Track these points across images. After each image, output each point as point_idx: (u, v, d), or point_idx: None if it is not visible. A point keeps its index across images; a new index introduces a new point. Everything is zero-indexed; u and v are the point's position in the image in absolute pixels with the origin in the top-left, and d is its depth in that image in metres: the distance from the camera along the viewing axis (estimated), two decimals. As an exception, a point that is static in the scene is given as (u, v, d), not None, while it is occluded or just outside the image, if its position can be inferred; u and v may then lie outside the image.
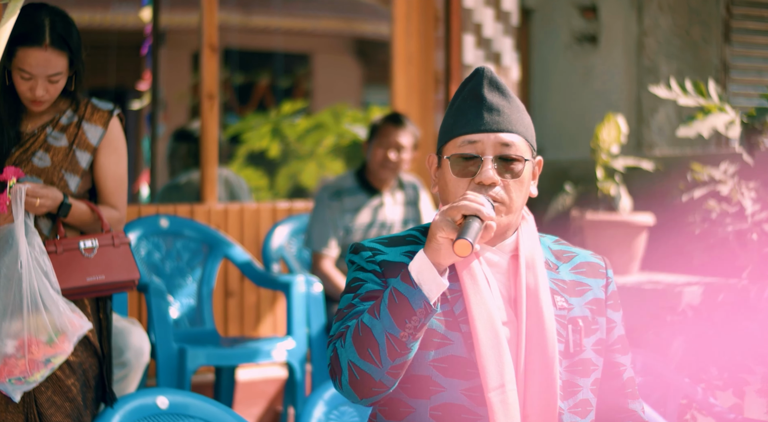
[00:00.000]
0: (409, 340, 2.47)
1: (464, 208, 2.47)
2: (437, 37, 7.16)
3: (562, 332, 2.67)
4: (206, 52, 6.43)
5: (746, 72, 8.17)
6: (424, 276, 2.46)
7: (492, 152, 2.63)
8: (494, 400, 2.55)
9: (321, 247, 5.69)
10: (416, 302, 2.45)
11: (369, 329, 2.48)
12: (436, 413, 2.58)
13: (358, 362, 2.49)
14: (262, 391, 6.15)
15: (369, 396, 2.54)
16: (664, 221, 6.80)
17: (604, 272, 2.82)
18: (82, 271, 3.89)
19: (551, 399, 2.61)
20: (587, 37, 7.90)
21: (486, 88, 2.67)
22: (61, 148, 3.94)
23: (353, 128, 10.93)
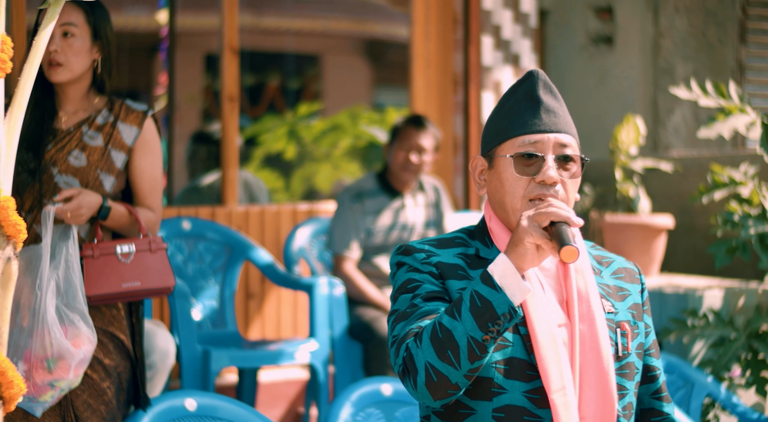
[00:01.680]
0: (490, 343, 2.48)
1: (554, 214, 2.49)
2: (456, 39, 7.17)
3: (612, 335, 2.70)
4: (227, 55, 6.44)
5: (762, 73, 8.18)
6: (508, 280, 2.48)
7: (551, 151, 2.66)
8: (557, 402, 2.57)
9: (343, 249, 5.70)
10: (500, 306, 2.46)
11: (449, 331, 2.48)
12: (498, 415, 2.59)
13: (436, 363, 2.49)
14: (283, 393, 6.16)
15: (444, 397, 2.54)
16: (683, 223, 6.80)
17: (638, 278, 2.86)
18: (118, 277, 3.87)
19: (608, 401, 2.64)
20: (603, 39, 7.90)
21: (541, 91, 2.70)
22: (97, 147, 3.92)
23: (370, 129, 10.93)
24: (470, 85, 7.09)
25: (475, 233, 2.77)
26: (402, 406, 3.86)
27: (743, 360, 5.19)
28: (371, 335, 5.43)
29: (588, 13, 7.94)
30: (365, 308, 5.61)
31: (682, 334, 5.26)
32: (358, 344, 5.53)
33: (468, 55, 7.11)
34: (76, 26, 3.87)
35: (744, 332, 5.22)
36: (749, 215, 5.40)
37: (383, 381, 3.86)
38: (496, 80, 7.18)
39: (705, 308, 5.53)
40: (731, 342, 5.19)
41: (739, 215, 5.42)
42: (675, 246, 6.83)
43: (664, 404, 2.84)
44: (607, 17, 7.88)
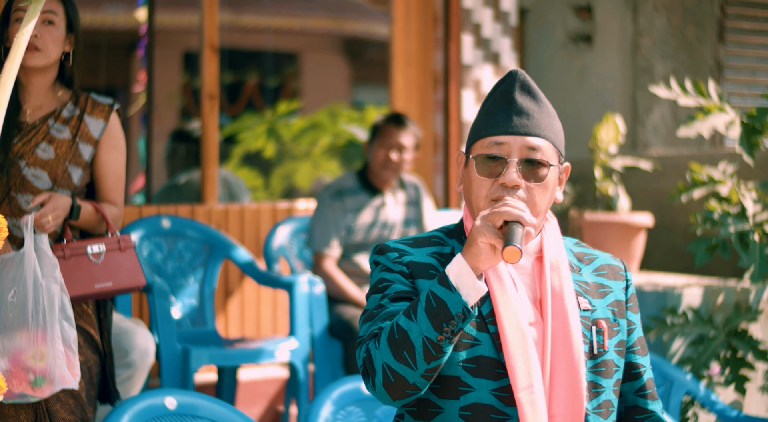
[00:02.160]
0: (445, 344, 2.47)
1: (506, 214, 2.47)
2: (436, 37, 7.16)
3: (586, 333, 2.69)
4: (207, 53, 6.42)
5: (740, 72, 8.21)
6: (463, 280, 2.47)
7: (518, 154, 2.63)
8: (523, 400, 2.56)
9: (323, 247, 5.69)
10: (454, 306, 2.46)
11: (405, 331, 2.48)
12: (465, 413, 2.60)
13: (393, 364, 2.50)
14: (263, 391, 6.15)
15: (402, 397, 2.55)
16: (662, 221, 6.82)
17: (623, 275, 2.84)
18: (89, 277, 3.85)
19: (577, 399, 2.63)
20: (582, 37, 7.92)
21: (517, 92, 2.68)
22: (64, 140, 3.89)
23: (350, 127, 10.93)
24: (450, 83, 7.09)
25: (454, 232, 2.77)
26: (382, 404, 3.86)
27: (722, 358, 5.20)
28: (351, 333, 5.42)
29: (567, 12, 7.96)
30: (345, 306, 5.60)
31: (662, 332, 5.27)
32: (338, 342, 5.53)
33: (448, 53, 7.11)
34: (56, 15, 3.88)
35: (723, 330, 5.23)
36: (729, 213, 5.42)
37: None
38: (476, 79, 7.18)
39: (684, 306, 5.55)
40: (710, 339, 5.21)
41: (719, 213, 5.44)
42: (654, 244, 6.85)
43: (649, 401, 2.83)
44: (587, 16, 7.90)
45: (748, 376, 5.21)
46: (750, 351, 5.17)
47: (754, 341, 5.18)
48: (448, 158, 7.11)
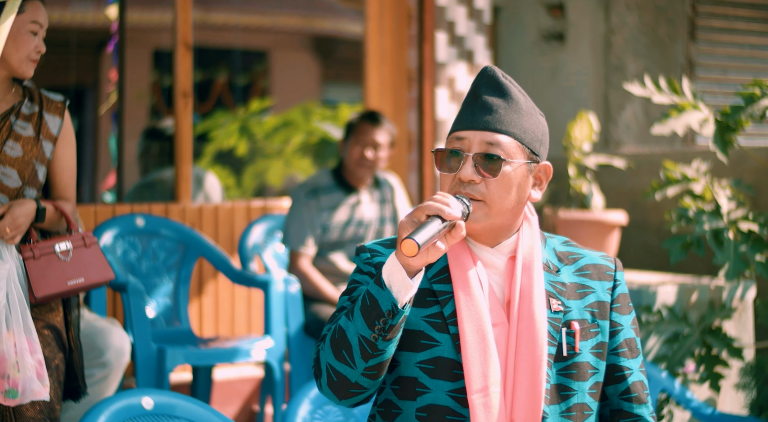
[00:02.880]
0: (379, 341, 2.47)
1: (427, 208, 2.47)
2: (410, 35, 7.16)
3: (555, 335, 2.65)
4: (180, 50, 6.40)
5: (711, 70, 8.24)
6: (394, 278, 2.46)
7: (476, 149, 2.62)
8: (476, 403, 2.55)
9: (298, 245, 5.67)
10: (384, 303, 2.45)
11: (344, 331, 2.51)
12: (421, 414, 2.59)
13: (334, 364, 2.52)
14: (237, 390, 6.13)
15: (347, 397, 2.56)
16: (635, 219, 6.84)
17: (611, 275, 2.79)
18: (61, 275, 3.84)
19: (535, 403, 2.60)
20: (554, 35, 7.93)
21: (484, 88, 2.67)
22: (29, 137, 3.86)
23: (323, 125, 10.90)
24: (424, 81, 7.09)
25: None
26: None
27: (697, 356, 5.22)
28: (327, 332, 5.41)
29: (539, 10, 7.97)
30: (321, 305, 5.58)
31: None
32: (314, 341, 5.51)
33: (422, 51, 7.10)
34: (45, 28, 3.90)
35: (697, 327, 5.25)
36: (703, 211, 5.44)
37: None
38: (450, 76, 7.18)
39: (659, 304, 5.56)
40: (685, 337, 5.22)
41: (694, 211, 5.45)
42: (627, 242, 6.87)
43: (635, 405, 2.76)
44: (559, 14, 7.91)
45: (723, 374, 5.23)
46: (724, 349, 5.18)
47: (728, 338, 5.20)
48: (423, 156, 7.10)
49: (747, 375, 4.85)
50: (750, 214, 5.46)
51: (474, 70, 7.24)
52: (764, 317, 4.75)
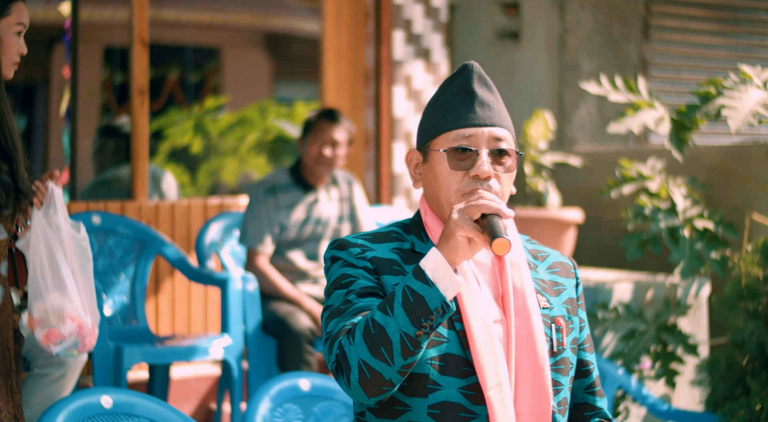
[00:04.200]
0: (423, 339, 2.45)
1: (485, 207, 2.45)
2: (367, 33, 7.16)
3: (546, 331, 2.68)
4: (137, 47, 6.36)
5: (664, 69, 8.30)
6: (440, 275, 2.45)
7: (485, 145, 2.63)
8: (493, 398, 2.54)
9: (256, 243, 5.66)
10: (433, 301, 2.43)
11: (382, 327, 2.45)
12: (434, 411, 2.57)
13: (369, 360, 2.47)
14: (194, 389, 6.10)
15: (378, 394, 2.52)
16: (590, 217, 6.88)
17: (573, 272, 2.84)
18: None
19: (544, 397, 2.62)
20: (509, 34, 7.96)
21: (476, 84, 2.68)
22: None
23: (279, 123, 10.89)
24: (381, 79, 7.09)
25: (411, 228, 2.75)
26: (320, 401, 3.84)
27: (653, 353, 5.26)
28: (285, 330, 5.40)
29: (494, 9, 7.99)
30: (279, 303, 5.57)
31: (593, 327, 5.32)
32: (272, 339, 5.50)
33: (379, 49, 7.11)
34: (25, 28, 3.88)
35: (653, 324, 5.29)
36: (659, 209, 5.48)
37: (301, 376, 3.84)
38: (407, 74, 7.19)
39: (615, 301, 5.60)
40: (641, 334, 5.26)
41: (650, 209, 5.50)
42: (582, 240, 6.91)
43: (597, 398, 2.83)
44: (514, 13, 7.94)
45: (678, 370, 5.27)
46: (680, 346, 5.23)
47: (683, 335, 5.25)
48: (379, 154, 7.11)
49: (702, 372, 4.89)
50: (705, 212, 5.51)
51: (431, 68, 7.25)
52: (720, 314, 4.79)
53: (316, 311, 5.54)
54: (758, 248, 4.76)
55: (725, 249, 5.41)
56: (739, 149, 6.33)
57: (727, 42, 8.65)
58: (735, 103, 4.98)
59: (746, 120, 4.92)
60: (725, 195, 6.26)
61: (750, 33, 8.85)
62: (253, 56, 13.64)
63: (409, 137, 7.21)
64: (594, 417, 2.82)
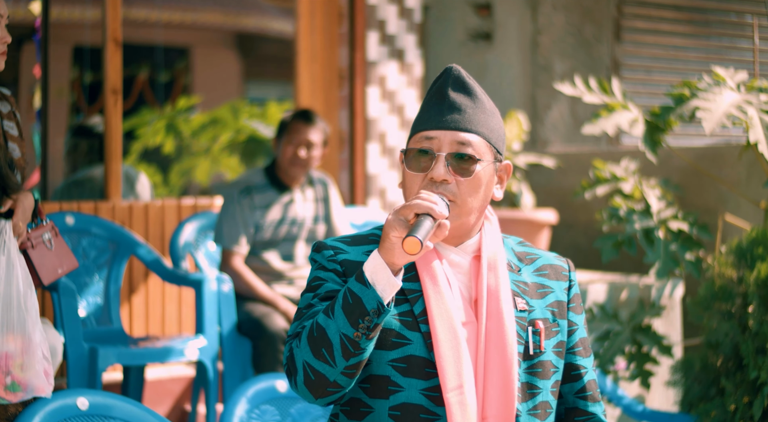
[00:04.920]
0: (363, 340, 2.47)
1: (416, 207, 2.46)
2: (341, 33, 7.15)
3: (521, 334, 2.67)
4: (110, 47, 6.33)
5: (636, 70, 8.35)
6: (378, 276, 2.46)
7: (447, 149, 2.62)
8: (452, 401, 2.55)
9: (231, 244, 5.64)
10: (369, 302, 2.45)
11: (323, 329, 2.48)
12: (394, 413, 2.58)
13: (312, 362, 2.50)
14: (169, 390, 6.08)
15: (324, 395, 2.54)
16: (563, 218, 6.90)
17: (567, 275, 2.83)
18: (51, 264, 3.91)
19: (509, 400, 2.61)
20: (482, 35, 7.97)
21: (450, 87, 2.68)
22: (17, 137, 3.89)
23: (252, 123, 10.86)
24: (355, 80, 7.09)
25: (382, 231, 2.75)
26: (297, 403, 3.84)
27: (628, 353, 5.28)
28: (261, 331, 5.38)
29: (467, 10, 8.00)
30: (254, 304, 5.56)
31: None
32: (247, 340, 5.48)
33: (353, 49, 7.10)
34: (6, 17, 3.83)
35: (628, 325, 5.31)
36: (634, 210, 5.51)
37: (278, 378, 3.84)
38: (381, 75, 7.18)
39: (590, 302, 5.62)
40: (616, 335, 5.28)
41: (624, 210, 5.52)
42: (556, 241, 6.93)
43: (590, 403, 2.80)
44: (486, 14, 7.96)
45: (653, 371, 5.30)
46: (654, 346, 5.25)
47: (658, 336, 5.27)
48: (354, 155, 7.10)
49: (677, 373, 4.92)
50: (679, 213, 5.54)
51: (405, 68, 7.25)
52: (694, 315, 4.81)
53: (292, 312, 5.53)
54: (732, 250, 4.79)
55: (699, 250, 5.44)
56: (711, 150, 6.37)
57: (698, 44, 8.71)
58: (709, 104, 5.00)
59: (720, 122, 4.94)
60: (698, 196, 6.30)
61: (720, 35, 8.90)
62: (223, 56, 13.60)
63: (383, 137, 7.21)
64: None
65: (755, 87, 5.13)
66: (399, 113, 7.28)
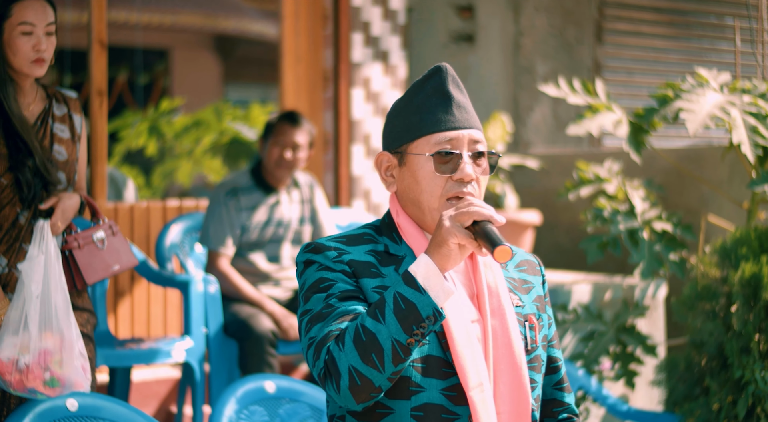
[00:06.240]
0: (415, 346, 2.45)
1: (477, 213, 2.45)
2: (326, 35, 7.17)
3: (521, 329, 2.69)
4: (95, 49, 6.34)
5: (617, 72, 8.38)
6: (431, 282, 2.45)
7: (467, 148, 2.63)
8: (476, 398, 2.55)
9: (218, 245, 5.64)
10: (425, 308, 2.43)
11: (373, 333, 2.45)
12: (417, 413, 2.57)
13: (360, 367, 2.46)
14: (155, 392, 6.08)
15: (366, 400, 2.51)
16: (546, 219, 6.92)
17: (539, 270, 2.86)
18: (103, 262, 4.03)
19: (523, 395, 2.63)
20: (464, 37, 7.99)
21: (451, 86, 2.68)
22: (68, 140, 3.99)
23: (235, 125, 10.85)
24: (340, 81, 7.11)
25: (382, 229, 2.73)
26: (285, 403, 3.85)
27: (612, 353, 5.31)
28: (247, 332, 5.39)
29: (449, 12, 8.02)
30: (241, 305, 5.56)
31: (553, 328, 5.35)
32: (234, 341, 5.49)
33: (338, 51, 7.12)
34: (54, 24, 3.90)
35: (612, 326, 5.34)
36: (618, 211, 5.53)
37: (267, 378, 3.85)
38: (365, 77, 7.20)
39: (574, 302, 5.64)
40: (600, 335, 5.31)
41: (609, 211, 5.54)
42: (539, 242, 6.96)
43: (566, 394, 2.85)
44: (468, 15, 7.98)
45: (637, 371, 5.32)
46: (639, 346, 5.28)
47: (642, 336, 5.30)
48: (338, 157, 7.12)
49: (661, 372, 4.94)
50: (663, 214, 5.57)
51: (389, 70, 7.27)
52: (679, 315, 4.84)
53: (278, 313, 5.53)
54: (716, 250, 4.82)
55: (683, 251, 5.47)
56: (694, 151, 6.40)
57: (679, 46, 8.75)
58: (693, 106, 5.03)
59: (704, 123, 4.98)
60: (681, 197, 6.33)
61: (701, 37, 8.95)
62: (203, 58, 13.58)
63: (367, 139, 7.22)
64: (563, 412, 2.84)
65: (738, 88, 5.17)
66: (383, 114, 7.30)
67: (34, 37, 3.83)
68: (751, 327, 4.46)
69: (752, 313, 4.49)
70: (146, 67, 12.87)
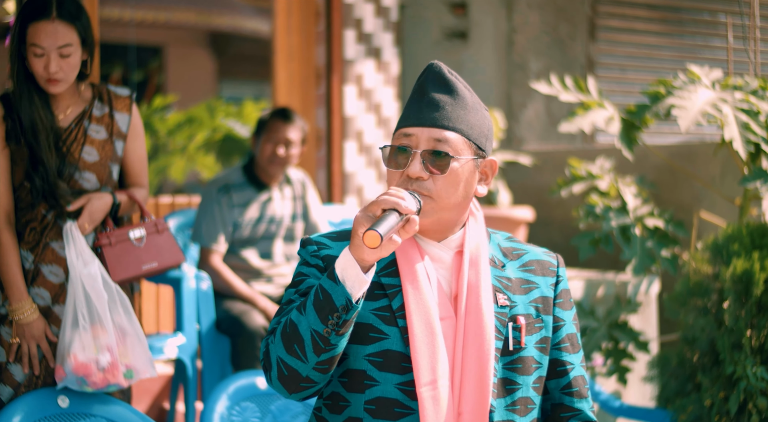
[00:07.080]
0: (332, 336, 2.49)
1: (383, 202, 2.48)
2: (318, 32, 7.17)
3: (501, 329, 2.67)
4: (88, 46, 6.32)
5: (610, 69, 8.39)
6: (348, 273, 2.47)
7: (424, 146, 2.63)
8: (425, 395, 2.56)
9: (210, 242, 5.65)
10: (338, 298, 2.46)
11: (295, 325, 2.51)
12: (369, 407, 2.60)
13: (285, 358, 2.53)
14: (147, 388, 6.07)
15: (298, 391, 2.57)
16: (539, 216, 6.93)
17: (554, 271, 2.82)
18: (136, 260, 4.04)
19: (484, 396, 2.62)
20: (457, 34, 7.99)
21: (430, 84, 2.68)
22: (103, 141, 3.99)
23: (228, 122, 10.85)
24: (332, 78, 7.10)
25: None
26: (277, 399, 3.86)
27: (604, 349, 5.31)
28: (240, 329, 5.39)
29: (442, 8, 8.02)
30: (233, 301, 5.56)
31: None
32: (226, 338, 5.49)
33: (330, 48, 7.12)
34: (71, 46, 3.87)
35: (605, 322, 5.34)
36: (610, 207, 5.54)
37: (258, 375, 3.86)
38: (358, 73, 7.20)
39: (566, 298, 5.64)
40: (593, 331, 5.31)
41: (601, 208, 5.55)
42: (532, 238, 6.96)
43: (575, 399, 2.78)
44: (461, 12, 7.98)
45: (629, 367, 5.33)
46: (631, 343, 5.28)
47: (634, 332, 5.30)
48: (331, 153, 7.12)
49: (654, 368, 4.95)
50: (655, 210, 5.57)
51: (381, 67, 7.27)
52: (671, 311, 4.85)
53: (270, 309, 5.54)
54: (708, 246, 4.82)
55: (675, 247, 5.48)
56: (686, 148, 6.41)
57: (672, 42, 8.76)
58: (685, 102, 5.04)
59: (696, 119, 4.98)
60: (673, 194, 6.34)
61: (693, 34, 8.96)
62: (197, 55, 13.59)
63: (360, 135, 7.22)
64: (572, 418, 2.78)
65: (730, 85, 5.17)
66: (376, 111, 7.30)
67: (45, 59, 3.84)
68: (743, 323, 4.47)
69: (744, 309, 4.50)
70: (140, 64, 12.88)
